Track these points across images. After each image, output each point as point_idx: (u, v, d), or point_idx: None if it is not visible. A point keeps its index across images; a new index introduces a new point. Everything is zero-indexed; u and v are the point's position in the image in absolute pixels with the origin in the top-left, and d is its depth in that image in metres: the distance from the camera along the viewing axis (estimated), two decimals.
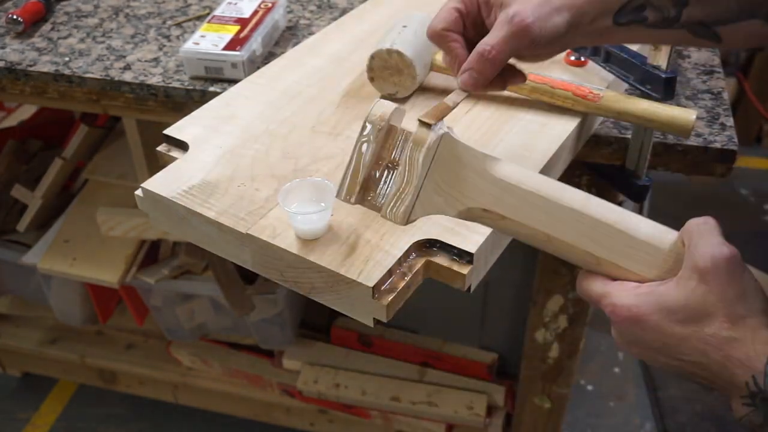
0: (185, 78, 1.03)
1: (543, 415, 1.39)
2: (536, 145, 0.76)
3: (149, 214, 0.73)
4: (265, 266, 0.66)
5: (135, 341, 1.77)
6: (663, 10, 0.58)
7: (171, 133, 0.78)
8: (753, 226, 2.35)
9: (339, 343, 1.67)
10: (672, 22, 0.59)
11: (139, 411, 1.82)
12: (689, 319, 0.49)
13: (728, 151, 0.89)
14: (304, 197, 0.63)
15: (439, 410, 1.52)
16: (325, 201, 0.62)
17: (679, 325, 0.49)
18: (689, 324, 0.49)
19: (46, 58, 1.09)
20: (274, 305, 1.52)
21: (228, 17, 1.06)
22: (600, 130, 0.91)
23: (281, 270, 0.65)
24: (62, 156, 1.55)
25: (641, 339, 0.52)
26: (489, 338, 1.58)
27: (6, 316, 1.83)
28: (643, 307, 0.51)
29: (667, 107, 0.76)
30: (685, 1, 0.57)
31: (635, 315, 0.51)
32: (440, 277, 0.63)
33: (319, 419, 1.67)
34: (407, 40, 0.82)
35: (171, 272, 1.50)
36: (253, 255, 0.66)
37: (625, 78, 0.83)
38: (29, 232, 1.59)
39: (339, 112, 0.82)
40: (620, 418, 1.80)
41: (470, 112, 0.81)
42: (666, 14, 0.58)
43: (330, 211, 0.63)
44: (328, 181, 0.63)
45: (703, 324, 0.49)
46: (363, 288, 0.59)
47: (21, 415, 1.82)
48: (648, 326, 0.51)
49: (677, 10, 0.58)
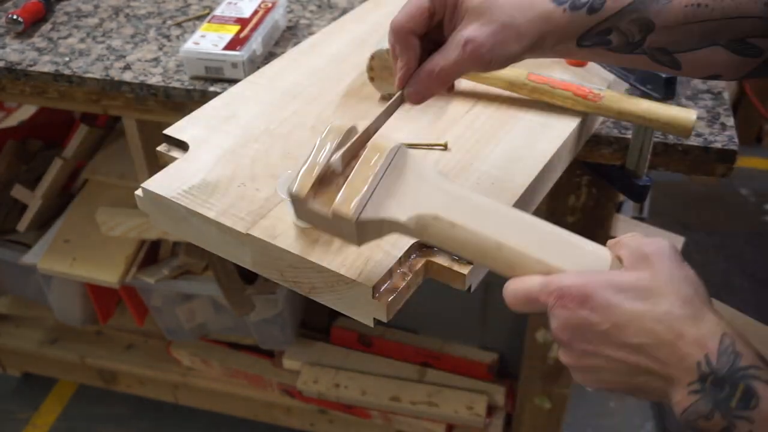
0: (185, 78, 1.03)
1: (543, 415, 1.39)
2: (536, 145, 0.76)
3: (149, 214, 0.73)
4: (265, 266, 0.66)
5: (135, 341, 1.77)
6: (628, 35, 0.58)
7: (171, 133, 0.78)
8: (753, 226, 2.35)
9: (339, 343, 1.67)
10: (635, 47, 0.59)
11: (139, 411, 1.82)
12: (640, 298, 0.48)
13: (729, 151, 0.89)
14: None
15: (439, 410, 1.52)
16: None
17: (630, 302, 0.48)
18: (641, 302, 0.48)
19: (46, 58, 1.09)
20: (274, 305, 1.52)
21: (228, 17, 1.06)
22: (600, 130, 0.91)
23: (281, 270, 0.65)
24: (62, 156, 1.55)
25: (588, 323, 0.49)
26: (489, 338, 1.58)
27: (6, 316, 1.83)
28: (593, 284, 0.49)
29: (668, 107, 0.76)
30: (650, 27, 0.57)
31: (584, 293, 0.49)
32: (440, 277, 0.63)
33: (319, 419, 1.67)
34: None
35: (171, 272, 1.50)
36: (253, 255, 0.66)
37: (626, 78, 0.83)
38: (29, 232, 1.59)
39: (339, 112, 0.82)
40: (620, 418, 1.80)
41: (470, 112, 0.81)
42: (630, 39, 0.58)
43: None
44: None
45: (655, 303, 0.48)
46: (363, 288, 0.59)
47: (21, 415, 1.82)
48: (597, 304, 0.48)
49: (642, 36, 0.58)
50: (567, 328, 0.50)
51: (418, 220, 0.54)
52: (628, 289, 0.48)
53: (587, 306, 0.49)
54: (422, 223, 0.54)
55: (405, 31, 0.59)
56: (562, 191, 1.06)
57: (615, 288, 0.48)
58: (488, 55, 0.58)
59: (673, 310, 0.47)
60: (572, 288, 0.49)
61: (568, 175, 1.02)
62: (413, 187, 0.55)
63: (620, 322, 0.48)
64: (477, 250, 0.54)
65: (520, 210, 0.55)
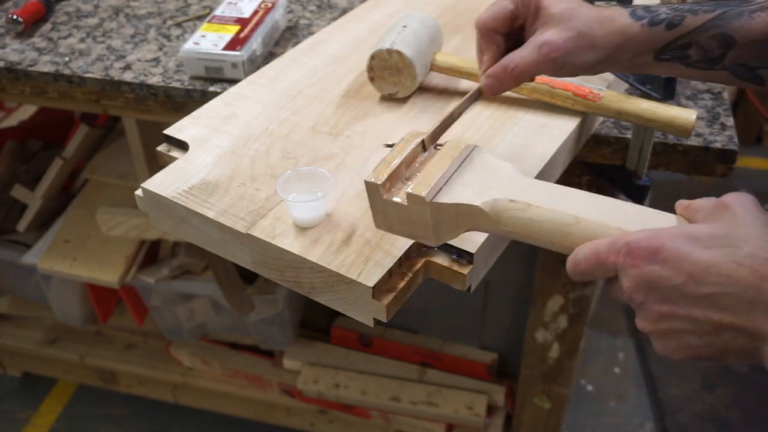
0: (185, 78, 1.03)
1: (543, 415, 1.39)
2: (536, 145, 0.76)
3: (149, 214, 0.73)
4: (265, 266, 0.66)
5: (135, 341, 1.77)
6: (708, 51, 0.58)
7: (171, 133, 0.78)
8: None
9: (339, 343, 1.67)
10: (715, 62, 0.59)
11: (139, 411, 1.82)
12: (718, 245, 0.44)
13: (728, 151, 0.89)
14: (302, 187, 0.65)
15: (439, 410, 1.52)
16: (322, 190, 0.65)
17: (706, 250, 0.44)
18: (718, 248, 0.44)
19: (46, 58, 1.09)
20: (274, 305, 1.52)
21: (228, 17, 1.06)
22: (600, 130, 0.91)
23: (281, 270, 0.65)
24: (62, 156, 1.55)
25: (660, 278, 0.45)
26: (489, 338, 1.58)
27: (6, 316, 1.83)
28: (664, 236, 0.45)
29: (668, 107, 0.76)
30: (731, 42, 0.57)
31: (654, 245, 0.45)
32: (440, 277, 0.63)
33: (319, 419, 1.67)
34: (407, 40, 0.82)
35: (171, 272, 1.50)
36: (253, 255, 0.66)
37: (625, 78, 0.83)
38: (29, 232, 1.59)
39: (339, 112, 0.82)
40: (620, 418, 1.80)
41: (470, 112, 0.81)
42: (710, 55, 0.58)
43: (327, 200, 0.65)
44: (323, 170, 0.66)
45: (736, 248, 0.43)
46: (363, 288, 0.59)
47: (21, 415, 1.82)
48: (669, 256, 0.44)
49: (722, 51, 0.58)
50: (639, 287, 0.46)
51: (494, 204, 0.54)
52: (704, 238, 0.45)
53: (658, 259, 0.45)
54: (498, 206, 0.54)
55: (488, 28, 0.63)
56: None
57: (688, 237, 0.45)
58: (561, 60, 0.60)
59: (756, 251, 0.43)
60: (641, 241, 0.46)
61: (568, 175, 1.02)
62: (488, 177, 0.56)
63: (695, 273, 0.44)
64: (555, 228, 0.52)
65: None
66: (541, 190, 0.55)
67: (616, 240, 0.48)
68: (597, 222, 0.51)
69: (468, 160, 0.57)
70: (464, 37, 0.95)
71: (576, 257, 0.50)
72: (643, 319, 0.47)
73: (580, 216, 0.52)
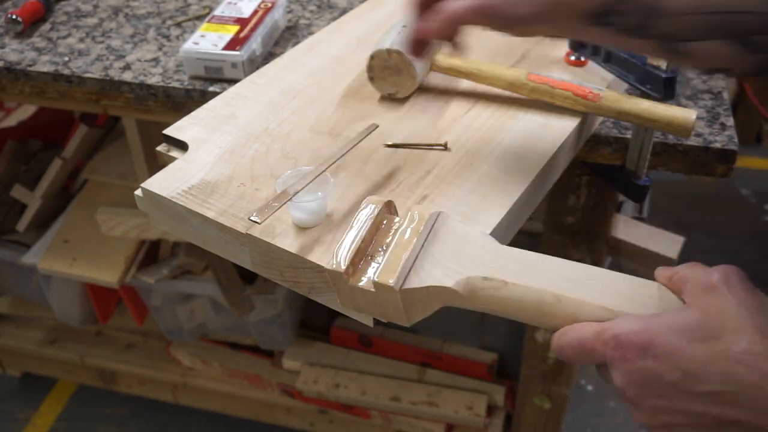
0: (185, 78, 1.03)
1: (543, 415, 1.39)
2: (536, 145, 0.76)
3: (149, 214, 0.73)
4: (265, 266, 0.66)
5: (135, 341, 1.77)
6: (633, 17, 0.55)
7: (171, 133, 0.78)
8: (753, 226, 2.35)
9: (339, 343, 1.67)
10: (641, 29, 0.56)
11: (139, 411, 1.82)
12: (711, 337, 0.42)
13: (728, 151, 0.89)
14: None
15: (439, 410, 1.52)
16: (322, 190, 0.65)
17: (699, 344, 0.42)
18: (712, 342, 0.42)
19: (45, 58, 1.09)
20: (274, 305, 1.52)
21: (228, 17, 1.06)
22: (600, 130, 0.91)
23: (281, 270, 0.64)
24: (62, 156, 1.55)
25: (654, 375, 0.43)
26: (489, 338, 1.58)
27: (6, 316, 1.83)
28: (653, 330, 0.43)
29: (667, 107, 0.76)
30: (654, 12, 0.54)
31: (645, 340, 0.43)
32: None
33: (319, 419, 1.67)
34: None
35: (171, 272, 1.50)
36: (253, 255, 0.66)
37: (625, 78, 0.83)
38: (29, 232, 1.59)
39: (339, 112, 0.82)
40: (620, 418, 1.80)
41: (470, 112, 0.81)
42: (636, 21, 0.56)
43: (327, 200, 0.65)
44: None
45: (729, 341, 0.41)
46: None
47: (21, 415, 1.82)
48: (662, 352, 0.42)
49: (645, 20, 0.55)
50: (632, 383, 0.44)
51: (467, 283, 0.51)
52: (695, 329, 0.43)
53: (649, 354, 0.43)
54: (472, 285, 0.51)
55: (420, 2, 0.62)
56: (562, 191, 1.06)
57: (679, 329, 0.43)
58: (499, 9, 0.57)
59: (753, 347, 0.41)
60: (630, 335, 0.44)
61: (568, 175, 1.02)
62: (458, 252, 0.53)
63: (691, 370, 0.42)
64: (535, 308, 0.50)
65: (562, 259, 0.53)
66: (516, 261, 0.52)
67: (602, 330, 0.46)
68: (577, 300, 0.49)
69: (434, 232, 0.54)
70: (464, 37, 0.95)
71: (560, 343, 0.48)
72: (637, 413, 0.46)
73: (560, 293, 0.49)
